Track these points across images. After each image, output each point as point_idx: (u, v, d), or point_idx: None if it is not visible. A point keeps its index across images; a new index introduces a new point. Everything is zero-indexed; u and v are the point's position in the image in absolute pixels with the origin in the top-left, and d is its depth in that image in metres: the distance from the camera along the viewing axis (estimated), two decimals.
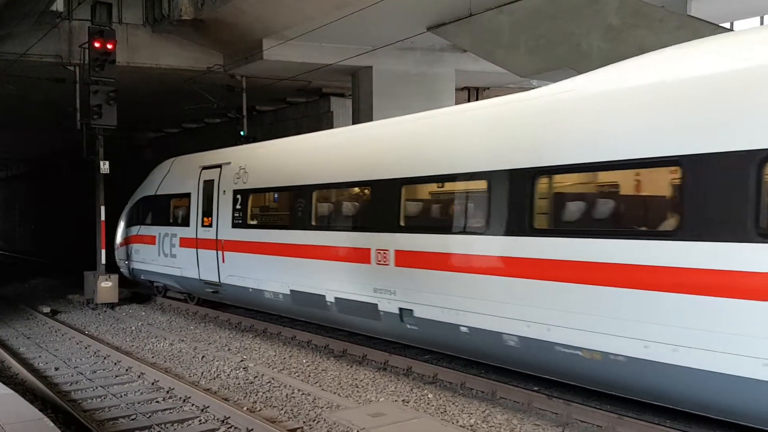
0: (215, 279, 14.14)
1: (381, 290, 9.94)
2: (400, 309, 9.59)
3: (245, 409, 8.12)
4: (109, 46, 16.23)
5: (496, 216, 8.16)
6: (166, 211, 16.67)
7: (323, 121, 21.21)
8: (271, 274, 12.42)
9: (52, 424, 6.58)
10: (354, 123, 18.45)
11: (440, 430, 7.34)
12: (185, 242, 15.37)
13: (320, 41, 17.60)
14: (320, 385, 9.28)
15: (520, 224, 7.87)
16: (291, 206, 12.13)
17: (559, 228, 7.59)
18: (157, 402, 8.60)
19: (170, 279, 16.49)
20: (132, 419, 7.91)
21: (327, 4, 15.51)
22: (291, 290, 11.85)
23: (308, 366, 10.43)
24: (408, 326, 9.55)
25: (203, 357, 11.16)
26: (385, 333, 10.40)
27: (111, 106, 16.42)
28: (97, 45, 16.11)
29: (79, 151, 18.95)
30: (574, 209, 7.55)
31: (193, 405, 8.34)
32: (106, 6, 16.44)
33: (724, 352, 5.97)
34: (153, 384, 9.41)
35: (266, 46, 17.88)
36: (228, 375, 9.95)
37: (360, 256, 10.30)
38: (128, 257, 18.27)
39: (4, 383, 8.34)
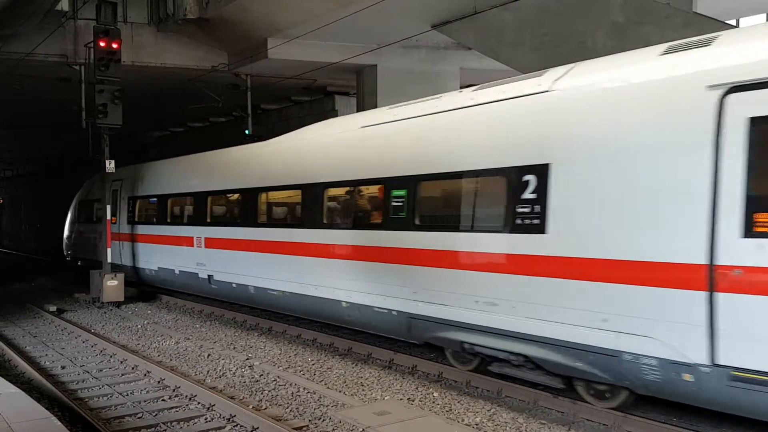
0: (118, 261, 19.37)
1: (199, 264, 15.22)
2: (208, 275, 14.82)
3: (251, 407, 8.13)
4: (114, 46, 16.25)
5: (237, 214, 14.18)
6: (90, 211, 23.32)
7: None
8: (150, 256, 17.94)
9: (59, 422, 6.60)
10: None
11: (446, 428, 7.34)
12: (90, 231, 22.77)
13: (325, 40, 17.61)
14: (325, 384, 9.29)
15: (246, 219, 13.69)
16: (159, 208, 17.76)
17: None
18: (163, 400, 8.62)
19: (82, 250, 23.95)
20: (138, 417, 7.93)
21: (332, 3, 15.50)
22: (158, 267, 17.38)
23: (313, 364, 10.45)
24: (213, 286, 14.74)
25: (209, 355, 11.19)
26: (201, 291, 15.65)
27: (116, 105, 16.45)
28: (102, 44, 16.13)
29: (84, 150, 19.01)
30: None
31: (199, 403, 8.35)
32: (111, 5, 16.47)
33: (318, 285, 11.27)
34: (159, 382, 9.43)
35: (271, 45, 17.89)
36: (233, 373, 9.97)
37: (188, 242, 15.77)
38: (70, 241, 25.84)
39: (11, 382, 8.38)
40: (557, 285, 7.41)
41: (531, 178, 7.77)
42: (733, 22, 17.02)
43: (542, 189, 7.66)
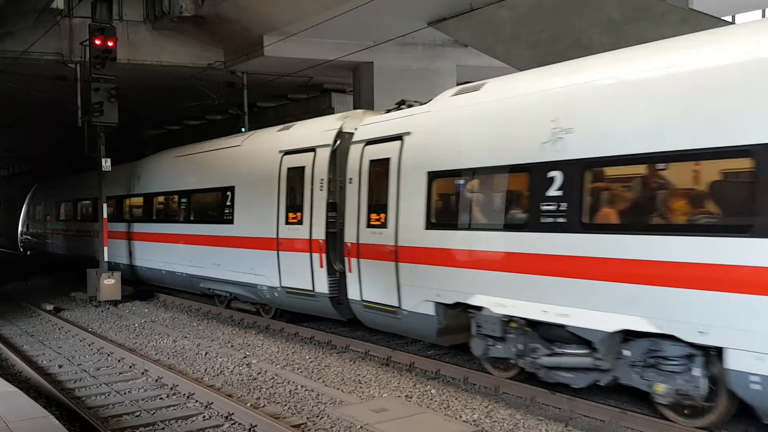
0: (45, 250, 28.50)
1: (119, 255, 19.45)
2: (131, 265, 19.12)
3: (249, 405, 8.13)
4: (110, 44, 16.20)
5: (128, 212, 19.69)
6: (34, 210, 31.72)
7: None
8: (63, 244, 26.05)
9: (56, 421, 6.59)
10: None
11: (444, 425, 7.35)
12: (45, 227, 29.70)
13: (321, 37, 17.59)
14: (323, 381, 9.29)
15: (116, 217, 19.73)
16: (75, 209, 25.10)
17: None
18: (161, 398, 8.62)
19: (40, 246, 30.41)
20: (136, 416, 7.93)
21: (327, 0, 15.48)
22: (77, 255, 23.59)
23: (311, 362, 10.45)
24: (139, 272, 18.63)
25: (206, 353, 11.18)
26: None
27: (112, 104, 16.42)
28: (97, 42, 16.08)
29: (80, 149, 18.98)
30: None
31: (197, 401, 8.35)
32: (107, 3, 16.41)
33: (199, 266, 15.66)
34: (157, 380, 9.43)
35: (267, 42, 17.86)
36: (231, 371, 9.97)
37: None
38: (22, 235, 34.38)
39: (8, 381, 8.36)
40: (238, 253, 13.79)
41: (228, 194, 14.35)
42: (729, 18, 17.03)
43: (231, 199, 14.15)
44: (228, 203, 14.24)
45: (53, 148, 37.01)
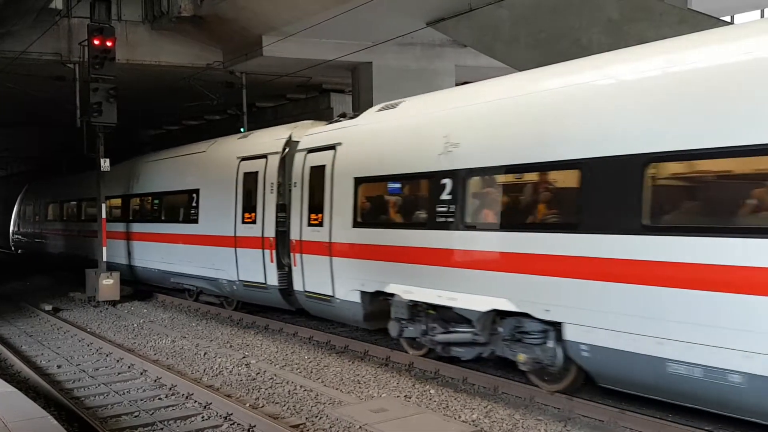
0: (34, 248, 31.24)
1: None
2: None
3: (248, 405, 8.13)
4: (109, 44, 16.19)
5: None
6: (24, 210, 33.41)
7: (324, 117, 21.17)
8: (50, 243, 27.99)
9: (55, 421, 6.58)
10: None
11: (443, 425, 7.35)
12: (34, 227, 31.85)
13: (320, 37, 17.58)
14: (322, 381, 9.29)
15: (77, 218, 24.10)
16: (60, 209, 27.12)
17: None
18: (159, 399, 8.61)
19: (29, 245, 32.70)
20: (135, 416, 7.92)
21: (326, 0, 15.48)
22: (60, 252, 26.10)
23: (310, 362, 10.45)
24: (117, 269, 18.09)
25: (205, 354, 11.18)
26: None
27: (111, 104, 16.41)
28: (96, 42, 16.07)
29: (79, 149, 18.96)
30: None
31: (195, 402, 8.35)
32: (105, 3, 16.41)
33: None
34: (156, 381, 9.42)
35: (266, 43, 17.85)
36: (230, 372, 9.96)
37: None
38: (13, 234, 36.26)
39: (7, 381, 8.35)
40: (203, 250, 15.05)
41: (194, 196, 15.54)
42: (728, 18, 17.04)
43: (197, 201, 15.42)
44: (194, 204, 15.50)
45: (52, 149, 36.98)
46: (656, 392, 6.84)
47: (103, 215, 17.72)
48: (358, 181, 10.45)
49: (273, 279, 12.75)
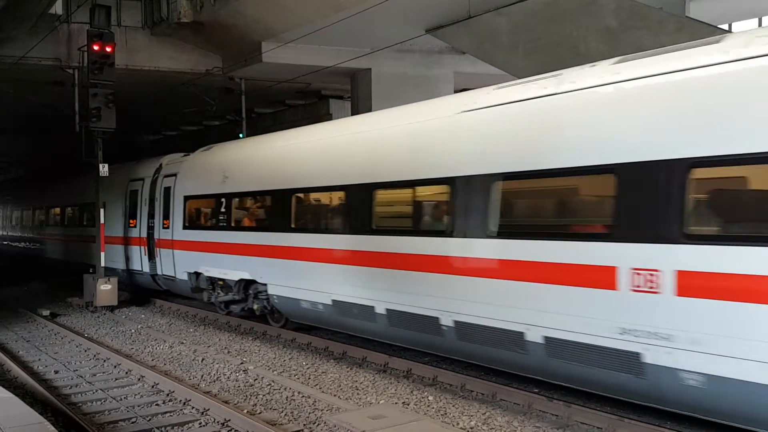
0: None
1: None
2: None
3: (245, 411, 8.11)
4: (108, 49, 16.21)
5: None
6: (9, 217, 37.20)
7: None
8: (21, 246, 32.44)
9: (52, 427, 6.56)
10: None
11: None
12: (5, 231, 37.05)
13: (319, 44, 17.62)
14: (320, 388, 9.28)
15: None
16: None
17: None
18: (157, 405, 8.59)
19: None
20: (132, 422, 7.90)
21: (326, 7, 15.52)
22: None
23: (308, 368, 10.43)
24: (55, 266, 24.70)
25: (203, 360, 11.16)
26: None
27: (110, 109, 16.41)
28: (95, 48, 16.09)
29: (77, 154, 18.96)
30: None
31: (193, 408, 8.33)
32: (105, 9, 16.43)
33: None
34: (153, 387, 9.40)
35: (265, 49, 17.89)
36: (228, 378, 9.95)
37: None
38: None
39: (4, 387, 8.33)
40: (108, 247, 18.22)
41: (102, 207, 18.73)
42: (725, 26, 17.12)
43: (105, 212, 18.21)
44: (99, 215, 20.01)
45: (50, 154, 36.96)
46: (318, 321, 11.84)
47: (102, 220, 17.69)
48: (186, 198, 15.67)
49: (146, 267, 17.69)
